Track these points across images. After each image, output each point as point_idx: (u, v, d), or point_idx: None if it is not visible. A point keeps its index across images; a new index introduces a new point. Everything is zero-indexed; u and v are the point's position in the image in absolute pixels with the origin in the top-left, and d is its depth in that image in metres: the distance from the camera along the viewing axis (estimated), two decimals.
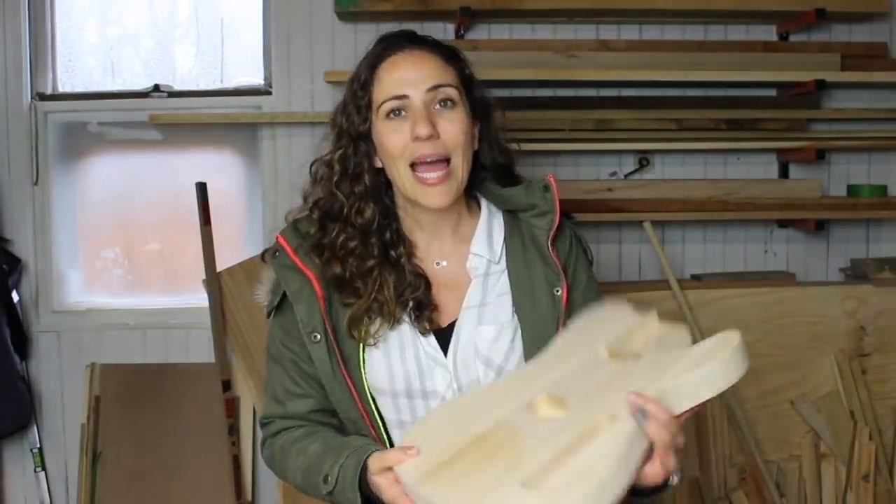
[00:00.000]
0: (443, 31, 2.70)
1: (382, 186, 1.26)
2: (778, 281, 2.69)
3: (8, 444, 2.76)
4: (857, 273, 2.73)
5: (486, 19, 2.69)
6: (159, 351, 2.76)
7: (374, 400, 1.24)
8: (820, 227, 2.68)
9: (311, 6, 2.72)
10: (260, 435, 1.36)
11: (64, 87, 2.81)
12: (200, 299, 2.62)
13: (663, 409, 0.99)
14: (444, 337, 1.24)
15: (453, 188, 1.19)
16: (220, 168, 2.80)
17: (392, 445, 1.23)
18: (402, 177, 1.20)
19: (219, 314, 2.55)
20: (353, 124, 1.23)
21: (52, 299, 2.78)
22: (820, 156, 2.61)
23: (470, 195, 1.31)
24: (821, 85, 2.54)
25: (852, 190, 2.77)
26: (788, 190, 2.73)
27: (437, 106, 1.19)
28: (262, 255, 1.32)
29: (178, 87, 2.80)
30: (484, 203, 1.31)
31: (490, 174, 1.30)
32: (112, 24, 2.84)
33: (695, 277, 2.73)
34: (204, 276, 2.55)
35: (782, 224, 2.80)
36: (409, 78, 1.19)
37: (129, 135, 2.80)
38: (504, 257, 1.28)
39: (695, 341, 1.08)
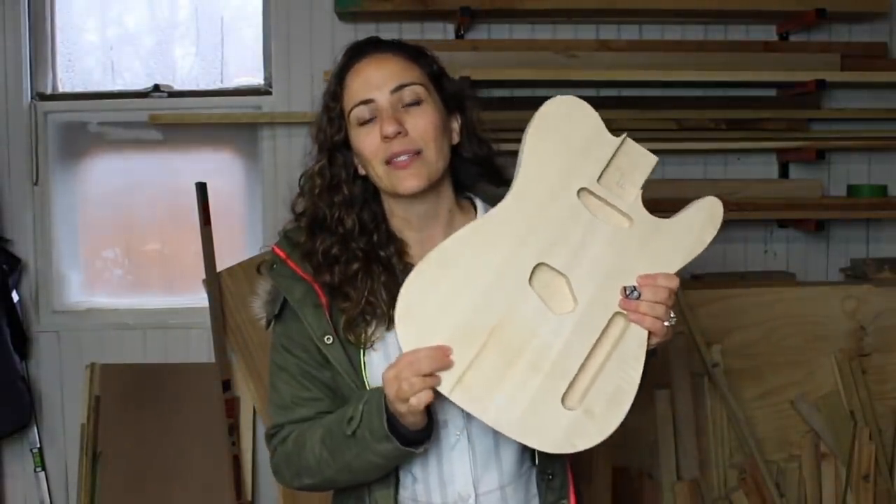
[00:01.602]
0: (443, 31, 2.70)
1: (369, 193, 1.27)
2: (778, 281, 2.70)
3: (8, 444, 2.76)
4: (857, 273, 2.73)
5: (486, 19, 2.69)
6: (159, 351, 2.76)
7: None
8: (820, 227, 2.68)
9: (311, 6, 2.72)
10: (265, 444, 1.33)
11: (64, 87, 2.81)
12: (200, 299, 2.62)
13: (660, 288, 1.07)
14: None
15: (423, 171, 1.18)
16: (220, 168, 2.80)
17: None
18: (379, 176, 1.20)
19: (219, 314, 2.55)
20: (327, 136, 1.26)
21: (52, 299, 2.78)
22: (820, 156, 2.62)
23: (463, 196, 1.31)
24: (821, 85, 2.54)
25: (852, 190, 2.77)
26: (788, 190, 2.73)
27: (405, 105, 1.20)
28: (258, 268, 1.32)
29: (178, 87, 2.80)
30: (479, 203, 1.30)
31: (480, 172, 1.30)
32: (112, 24, 2.84)
33: (695, 277, 2.73)
34: (204, 276, 2.55)
35: (782, 224, 2.80)
36: (372, 81, 1.20)
37: (129, 135, 2.80)
38: None
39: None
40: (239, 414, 2.66)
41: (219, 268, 2.56)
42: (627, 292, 1.07)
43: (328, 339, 1.19)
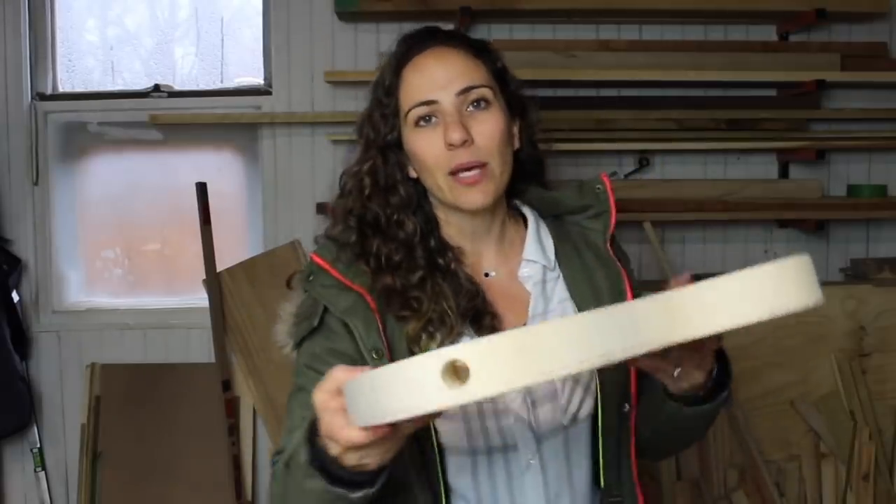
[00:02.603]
0: None
1: (420, 196, 1.17)
2: None
3: (8, 444, 2.76)
4: (857, 273, 2.73)
5: (486, 19, 2.69)
6: (159, 351, 2.76)
7: (440, 456, 1.08)
8: (820, 227, 2.68)
9: (311, 6, 2.72)
10: (266, 445, 1.16)
11: (64, 87, 2.81)
12: (200, 299, 2.62)
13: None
14: None
15: (491, 187, 1.09)
16: (220, 168, 2.81)
17: None
18: (440, 187, 1.10)
19: (219, 314, 2.55)
20: (380, 134, 1.14)
21: (52, 299, 2.78)
22: (820, 156, 2.62)
23: (510, 204, 1.22)
24: (821, 85, 2.54)
25: (852, 190, 2.77)
26: (788, 190, 2.73)
27: (470, 108, 1.09)
28: (288, 283, 1.23)
29: (178, 87, 2.80)
30: (527, 210, 1.22)
31: (530, 178, 1.22)
32: (112, 24, 2.84)
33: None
34: (204, 276, 2.55)
35: (782, 224, 2.80)
36: (437, 80, 1.09)
37: (129, 135, 2.80)
38: (557, 263, 1.19)
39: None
40: (239, 414, 2.66)
41: (219, 268, 2.56)
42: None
43: (375, 354, 1.05)
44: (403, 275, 1.10)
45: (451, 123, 1.07)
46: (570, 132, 2.56)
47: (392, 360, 1.04)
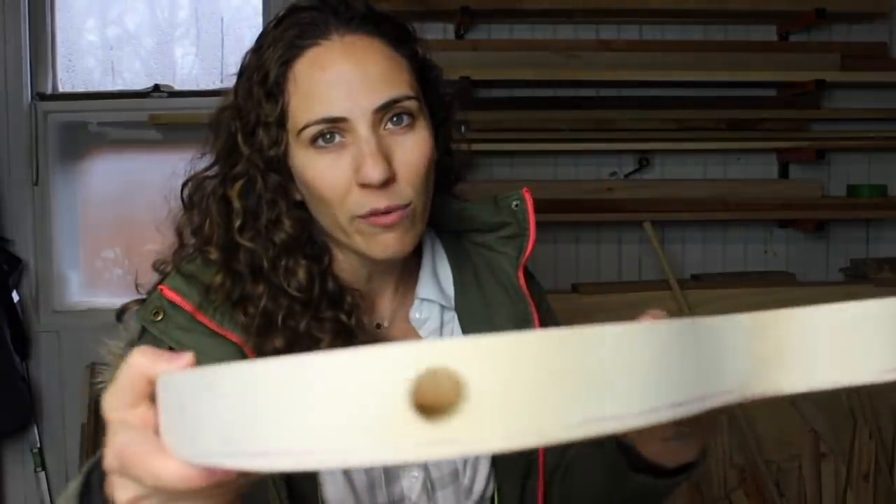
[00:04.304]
0: (443, 32, 2.70)
1: (307, 224, 0.87)
2: (778, 281, 2.70)
3: (8, 444, 2.76)
4: (857, 273, 2.73)
5: (486, 19, 2.69)
6: None
7: None
8: (820, 227, 2.68)
9: None
10: None
11: (64, 87, 2.81)
12: None
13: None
14: None
15: (411, 233, 0.82)
16: None
17: None
18: (342, 228, 0.82)
19: None
20: (259, 149, 0.84)
21: (52, 299, 2.78)
22: (820, 156, 2.62)
23: None
24: (821, 85, 2.55)
25: (852, 190, 2.77)
26: (788, 190, 2.73)
27: (389, 125, 0.80)
28: (119, 315, 0.95)
29: (178, 87, 2.80)
30: (428, 242, 0.96)
31: (439, 189, 0.93)
32: (112, 24, 2.84)
33: (695, 277, 2.73)
34: None
35: (782, 224, 2.80)
36: (348, 88, 0.79)
37: (129, 135, 2.80)
38: (455, 298, 0.94)
39: None
40: None
41: None
42: None
43: None
44: (306, 342, 0.83)
45: (370, 156, 0.78)
46: (570, 132, 2.56)
47: None
